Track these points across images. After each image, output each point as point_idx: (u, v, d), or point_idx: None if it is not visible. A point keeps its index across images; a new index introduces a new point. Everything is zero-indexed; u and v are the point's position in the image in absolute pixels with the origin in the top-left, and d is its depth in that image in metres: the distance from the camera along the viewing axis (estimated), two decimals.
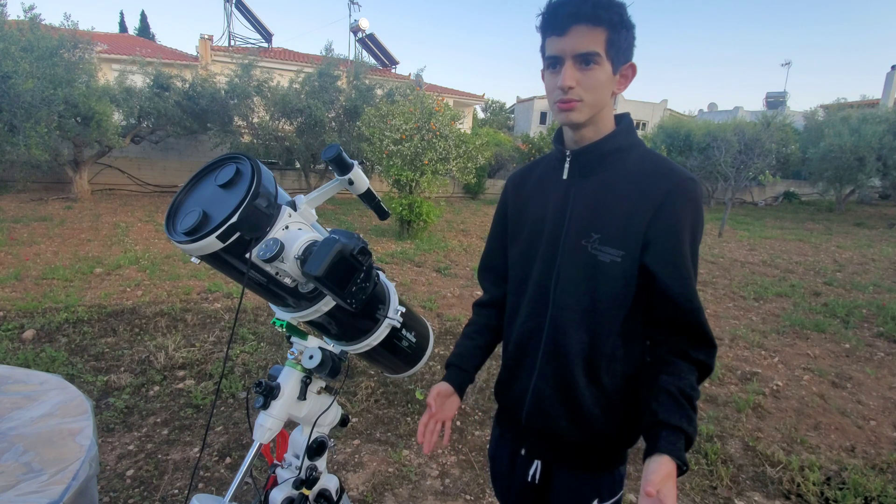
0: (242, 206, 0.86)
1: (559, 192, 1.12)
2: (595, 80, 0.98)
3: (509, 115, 32.39)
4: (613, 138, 1.06)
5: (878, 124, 14.56)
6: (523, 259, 1.18)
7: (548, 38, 1.00)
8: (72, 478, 1.23)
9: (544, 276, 1.11)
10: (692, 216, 1.01)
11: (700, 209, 1.02)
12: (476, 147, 8.69)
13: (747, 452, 2.80)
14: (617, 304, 1.04)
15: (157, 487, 2.28)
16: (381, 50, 20.99)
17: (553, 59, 0.99)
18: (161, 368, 3.37)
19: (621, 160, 1.07)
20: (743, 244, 9.67)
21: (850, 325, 5.00)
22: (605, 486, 1.14)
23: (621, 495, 1.17)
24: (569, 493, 1.16)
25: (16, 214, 8.10)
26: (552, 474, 1.18)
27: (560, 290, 1.09)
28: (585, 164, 1.09)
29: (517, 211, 1.22)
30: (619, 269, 1.02)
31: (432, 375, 3.52)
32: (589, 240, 1.05)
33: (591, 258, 1.04)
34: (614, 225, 1.02)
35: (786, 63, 41.00)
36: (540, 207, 1.15)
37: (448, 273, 6.35)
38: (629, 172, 1.05)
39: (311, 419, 1.19)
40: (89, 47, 8.96)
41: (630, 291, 1.03)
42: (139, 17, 38.24)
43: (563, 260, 1.08)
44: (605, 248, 1.03)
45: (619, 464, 1.16)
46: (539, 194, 1.17)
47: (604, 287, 1.04)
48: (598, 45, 0.96)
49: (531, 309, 1.14)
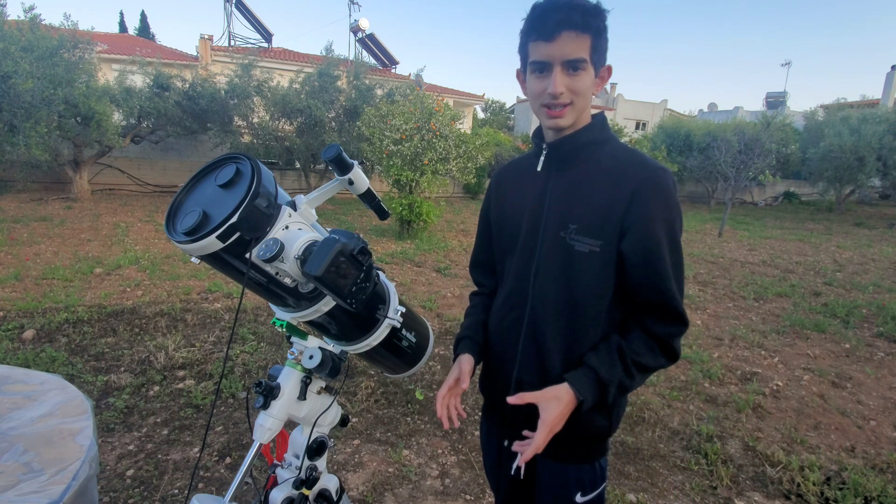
0: (242, 206, 0.86)
1: (537, 186, 1.15)
2: (582, 84, 1.02)
3: (509, 115, 32.37)
4: (588, 131, 1.10)
5: (878, 124, 14.57)
6: (504, 253, 1.22)
7: (533, 43, 1.02)
8: (72, 478, 1.23)
9: (524, 268, 1.15)
10: (665, 205, 1.03)
11: (672, 197, 1.05)
12: (476, 147, 8.69)
13: (747, 452, 2.80)
14: (597, 294, 1.07)
15: (157, 487, 2.28)
16: (381, 50, 20.99)
17: (540, 64, 1.02)
18: (161, 368, 3.37)
19: (595, 153, 1.10)
20: (743, 244, 9.67)
21: (850, 325, 5.00)
22: (587, 477, 1.17)
23: (604, 487, 1.20)
24: (553, 486, 1.18)
25: (16, 214, 8.10)
26: (536, 467, 1.21)
27: (539, 281, 1.12)
28: (561, 157, 1.12)
29: (499, 206, 1.26)
30: (597, 259, 1.05)
31: (432, 375, 3.52)
32: (566, 231, 1.07)
33: (569, 249, 1.07)
34: (591, 215, 1.05)
35: (786, 63, 41.15)
36: (519, 201, 1.19)
37: (448, 273, 6.35)
38: (603, 165, 1.08)
39: (311, 419, 1.19)
40: (89, 47, 8.97)
41: (610, 281, 1.06)
42: (139, 17, 38.29)
43: (542, 252, 1.11)
44: (582, 239, 1.06)
45: (601, 455, 1.18)
46: (518, 189, 1.21)
47: (583, 277, 1.07)
48: (585, 52, 0.99)
49: (511, 301, 1.18)
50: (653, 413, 3.14)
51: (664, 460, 2.71)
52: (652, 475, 2.58)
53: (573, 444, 1.15)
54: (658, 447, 2.82)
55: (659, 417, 3.11)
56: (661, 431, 2.97)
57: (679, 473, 2.61)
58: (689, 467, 2.65)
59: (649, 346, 1.06)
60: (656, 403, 3.26)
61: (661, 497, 2.42)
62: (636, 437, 2.89)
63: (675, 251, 1.05)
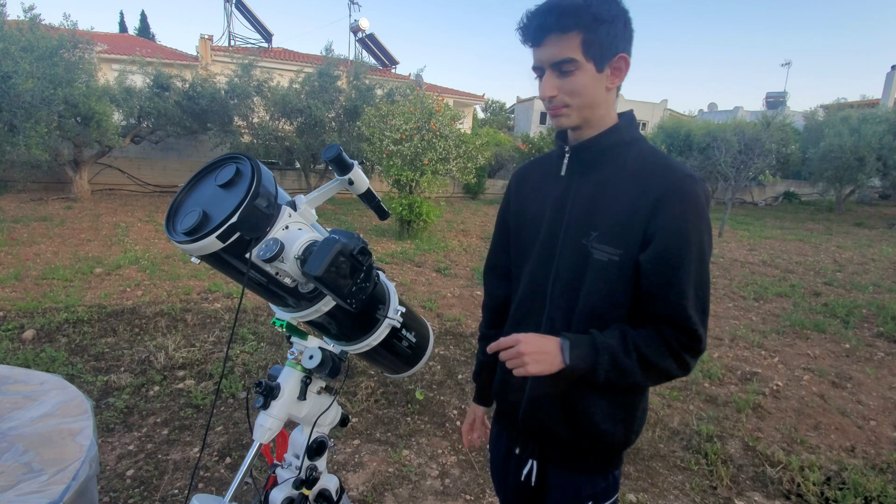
0: (242, 206, 0.86)
1: (558, 190, 1.12)
2: (575, 84, 0.99)
3: (509, 115, 32.36)
4: (613, 133, 1.07)
5: (878, 124, 14.56)
6: (522, 257, 1.18)
7: (529, 49, 1.03)
8: (72, 478, 1.22)
9: (542, 275, 1.11)
10: (692, 217, 0.97)
11: (700, 205, 0.98)
12: (476, 147, 8.69)
13: (747, 452, 2.80)
14: (616, 303, 1.03)
15: (157, 487, 2.28)
16: (381, 50, 20.98)
17: (536, 68, 1.03)
18: (161, 368, 3.37)
19: (621, 156, 1.06)
20: (743, 244, 9.67)
21: (850, 325, 4.99)
22: (600, 488, 1.14)
23: (616, 498, 1.17)
24: (564, 495, 1.15)
25: (16, 214, 8.10)
26: (547, 475, 1.18)
27: (558, 288, 1.08)
28: (585, 160, 1.09)
29: (518, 208, 1.22)
30: (616, 268, 1.01)
31: (432, 375, 3.52)
32: (588, 238, 1.04)
33: (589, 256, 1.03)
34: (612, 222, 1.01)
35: (786, 63, 41.07)
36: (539, 204, 1.15)
37: (448, 273, 6.35)
38: (628, 169, 1.04)
39: (311, 419, 1.18)
40: (89, 47, 8.96)
41: (629, 290, 1.02)
42: (139, 17, 38.28)
43: (562, 258, 1.08)
44: (602, 247, 1.02)
45: (615, 467, 1.15)
46: (539, 191, 1.17)
47: (602, 285, 1.03)
48: (573, 51, 0.96)
49: (529, 307, 1.14)
50: (653, 413, 3.14)
51: (664, 460, 2.71)
52: (652, 475, 2.58)
53: (588, 456, 1.12)
54: (658, 447, 2.82)
55: (659, 417, 3.11)
56: (661, 431, 2.97)
57: (679, 473, 2.61)
58: (689, 467, 2.65)
59: (657, 342, 0.99)
60: (656, 403, 3.26)
61: (661, 497, 2.42)
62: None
63: (700, 270, 0.98)
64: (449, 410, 3.10)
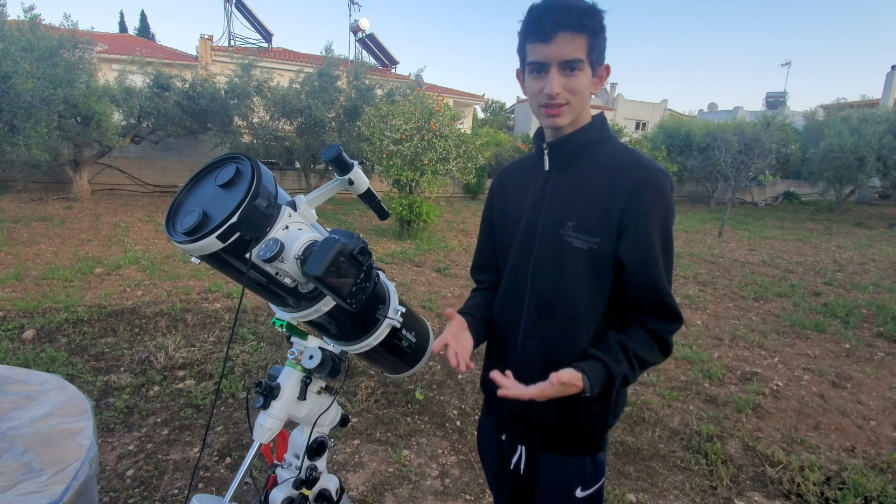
0: (242, 206, 0.86)
1: (538, 184, 1.17)
2: (579, 84, 1.03)
3: (509, 115, 32.35)
4: (587, 131, 1.12)
5: (878, 124, 14.56)
6: (506, 251, 1.23)
7: (531, 44, 1.03)
8: (72, 478, 1.23)
9: (522, 265, 1.16)
10: (661, 205, 1.05)
11: (668, 198, 1.07)
12: (476, 147, 8.69)
13: (747, 452, 2.80)
14: (594, 290, 1.09)
15: (157, 487, 2.28)
16: (381, 50, 20.98)
17: (538, 64, 1.03)
18: (161, 368, 3.37)
19: (595, 152, 1.12)
20: (743, 244, 9.67)
21: (850, 325, 5.00)
22: (587, 472, 1.18)
23: (603, 482, 1.22)
24: (553, 480, 1.19)
25: (16, 214, 8.10)
26: (537, 462, 1.21)
27: (537, 278, 1.13)
28: (563, 156, 1.14)
29: (501, 206, 1.27)
30: (595, 256, 1.06)
31: (432, 375, 3.52)
32: (564, 228, 1.09)
33: (566, 246, 1.08)
34: (589, 213, 1.07)
35: (786, 63, 41.09)
36: (520, 200, 1.20)
37: (448, 273, 6.35)
38: (603, 164, 1.10)
39: (311, 419, 1.19)
40: (89, 47, 8.96)
41: (608, 278, 1.08)
42: (139, 17, 38.28)
43: (540, 249, 1.13)
44: (580, 236, 1.07)
45: (600, 449, 1.19)
46: (521, 188, 1.22)
47: (581, 273, 1.08)
48: (581, 52, 1.00)
49: (510, 297, 1.19)
50: (653, 413, 3.14)
51: (664, 460, 2.71)
52: (652, 475, 2.58)
53: (572, 437, 1.17)
54: (658, 447, 2.82)
55: (659, 417, 3.11)
56: (661, 431, 2.97)
57: (679, 473, 2.61)
58: (689, 467, 2.65)
59: (647, 341, 1.08)
60: (656, 403, 3.26)
61: (661, 497, 2.42)
62: (636, 437, 2.89)
63: (667, 250, 1.08)
64: (449, 410, 3.10)
